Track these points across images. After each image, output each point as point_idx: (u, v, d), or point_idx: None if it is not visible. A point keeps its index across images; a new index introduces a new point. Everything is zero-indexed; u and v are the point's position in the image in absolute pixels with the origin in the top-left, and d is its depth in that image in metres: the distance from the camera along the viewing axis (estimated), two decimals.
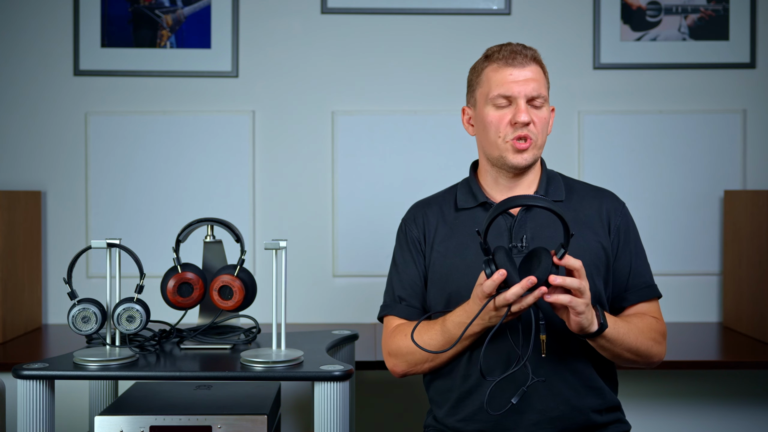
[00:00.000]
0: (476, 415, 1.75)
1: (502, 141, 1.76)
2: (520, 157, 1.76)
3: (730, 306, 2.77)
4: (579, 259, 1.58)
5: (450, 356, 1.75)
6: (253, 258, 2.84)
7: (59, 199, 2.86)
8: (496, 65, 1.78)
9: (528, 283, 1.52)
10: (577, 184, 1.89)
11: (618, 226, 1.81)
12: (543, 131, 1.78)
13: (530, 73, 1.76)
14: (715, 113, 2.87)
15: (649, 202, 2.84)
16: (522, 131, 1.74)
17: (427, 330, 1.73)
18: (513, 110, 1.75)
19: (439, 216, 1.86)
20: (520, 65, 1.76)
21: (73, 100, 2.86)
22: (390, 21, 2.89)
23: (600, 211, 1.82)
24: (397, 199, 2.81)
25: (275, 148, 2.88)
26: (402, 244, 1.89)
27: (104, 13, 2.85)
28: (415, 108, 2.87)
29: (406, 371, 1.81)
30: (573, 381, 1.73)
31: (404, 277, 1.85)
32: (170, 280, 1.90)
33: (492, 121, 1.77)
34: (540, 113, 1.76)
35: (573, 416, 1.72)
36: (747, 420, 2.63)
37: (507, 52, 1.78)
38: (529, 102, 1.76)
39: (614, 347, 1.67)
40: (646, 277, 1.83)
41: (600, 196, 1.85)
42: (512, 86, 1.75)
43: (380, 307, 1.89)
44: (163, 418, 1.75)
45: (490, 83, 1.78)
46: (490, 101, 1.77)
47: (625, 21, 2.87)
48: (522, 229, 1.76)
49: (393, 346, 1.81)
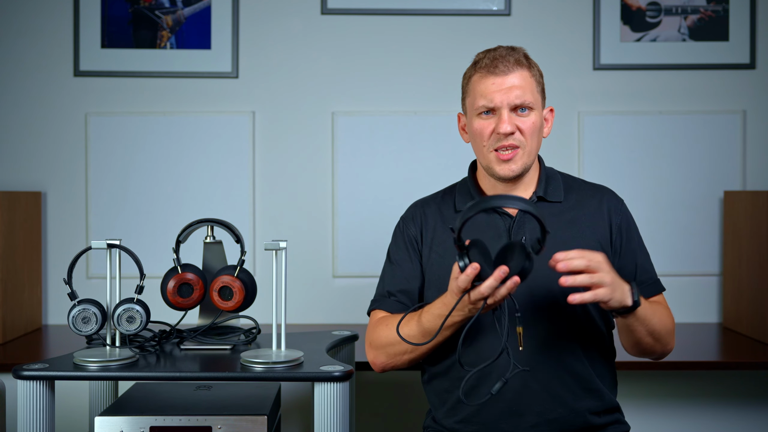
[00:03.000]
0: (474, 417, 1.74)
1: (488, 151, 1.76)
2: (506, 167, 1.75)
3: (730, 306, 2.77)
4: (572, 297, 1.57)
5: (430, 348, 1.73)
6: (253, 258, 2.84)
7: (59, 199, 2.86)
8: (479, 74, 1.76)
9: (500, 273, 1.50)
10: (576, 182, 1.88)
11: (619, 225, 1.81)
12: (532, 137, 1.75)
13: (515, 79, 1.73)
14: (715, 114, 2.87)
15: (649, 203, 2.84)
16: (506, 141, 1.73)
17: (407, 321, 1.72)
18: (496, 120, 1.74)
19: (438, 217, 1.85)
20: (502, 73, 1.73)
21: (74, 101, 2.86)
22: (390, 21, 2.89)
23: (600, 210, 1.81)
24: (397, 200, 2.81)
25: (275, 148, 2.88)
26: (398, 242, 1.88)
27: (104, 14, 2.85)
28: (415, 109, 2.88)
29: (385, 363, 1.79)
30: (571, 383, 1.72)
31: (398, 273, 1.84)
32: (170, 281, 1.90)
33: (477, 130, 1.77)
34: (527, 120, 1.74)
35: (571, 418, 1.72)
36: (747, 420, 2.63)
37: (489, 59, 1.75)
38: (514, 110, 1.74)
39: (641, 327, 1.67)
40: (651, 272, 1.83)
41: (599, 195, 1.85)
42: (494, 96, 1.73)
43: (370, 302, 1.88)
44: (163, 418, 1.75)
45: (474, 93, 1.77)
46: (475, 111, 1.77)
47: (625, 22, 2.87)
48: (521, 230, 1.76)
49: (374, 337, 1.79)
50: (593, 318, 1.76)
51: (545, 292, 1.73)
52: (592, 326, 1.76)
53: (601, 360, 1.78)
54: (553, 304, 1.72)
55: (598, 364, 1.77)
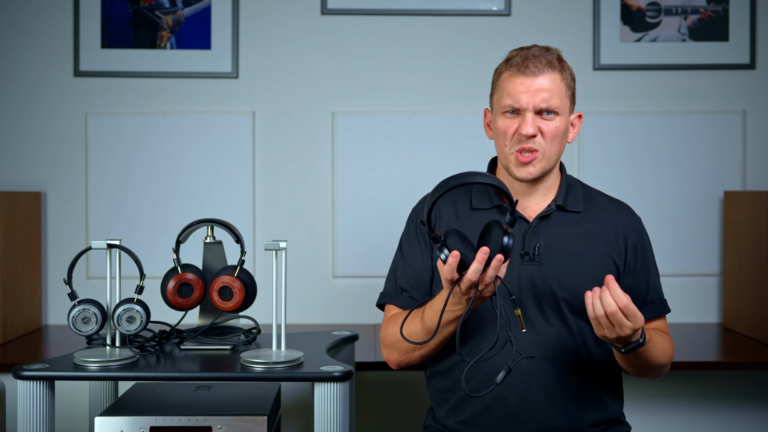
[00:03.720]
0: (476, 419, 1.74)
1: (509, 151, 1.73)
2: (524, 170, 1.72)
3: (730, 307, 2.77)
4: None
5: (437, 344, 1.72)
6: (253, 259, 2.84)
7: (59, 199, 2.86)
8: (509, 72, 1.73)
9: (482, 255, 1.49)
10: (596, 194, 1.86)
11: (635, 244, 1.79)
12: (554, 142, 1.72)
13: (544, 81, 1.70)
14: (715, 114, 2.87)
15: (649, 203, 2.84)
16: (526, 144, 1.71)
17: (413, 319, 1.70)
18: (520, 121, 1.71)
19: (453, 212, 1.81)
20: (532, 74, 1.70)
21: (74, 101, 2.86)
22: (390, 22, 2.89)
23: (616, 227, 1.79)
24: (397, 200, 2.82)
25: (275, 148, 2.88)
26: (411, 234, 1.85)
27: (104, 14, 2.85)
28: (415, 109, 2.87)
29: (399, 360, 1.78)
30: (574, 392, 1.72)
31: (409, 267, 1.82)
32: (170, 281, 1.90)
33: (500, 129, 1.74)
34: (550, 124, 1.71)
35: (573, 427, 1.71)
36: (747, 420, 2.63)
37: (521, 58, 1.72)
38: (540, 113, 1.71)
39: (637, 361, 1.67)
40: (660, 292, 1.83)
41: (618, 212, 1.82)
42: (521, 97, 1.70)
43: (380, 293, 1.87)
44: (163, 418, 1.75)
45: (502, 91, 1.74)
46: (500, 109, 1.74)
47: (625, 22, 2.87)
48: (536, 237, 1.75)
49: (385, 335, 1.80)
50: None
51: (553, 300, 1.72)
52: (599, 337, 1.75)
53: (607, 370, 1.77)
54: (560, 313, 1.72)
55: (603, 375, 1.76)
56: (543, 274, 1.73)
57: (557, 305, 1.72)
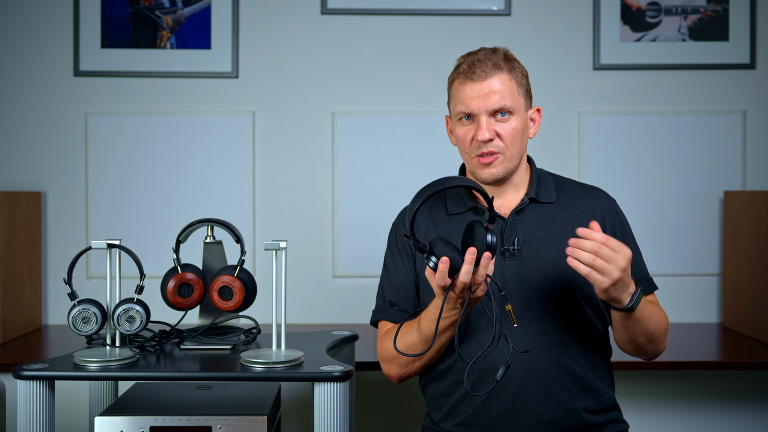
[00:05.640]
0: (472, 419, 1.74)
1: (470, 157, 1.77)
2: (486, 171, 1.75)
3: (730, 306, 2.77)
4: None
5: (435, 352, 1.73)
6: (253, 258, 2.84)
7: (59, 199, 2.86)
8: (459, 80, 1.76)
9: (471, 256, 1.51)
10: (567, 182, 1.88)
11: (613, 225, 1.81)
12: (513, 142, 1.74)
13: (494, 84, 1.72)
14: (715, 114, 2.87)
15: (649, 203, 2.84)
16: (486, 148, 1.73)
17: (409, 330, 1.71)
18: (475, 126, 1.73)
19: (430, 220, 1.84)
20: (480, 78, 1.72)
21: (73, 101, 2.87)
22: (390, 21, 2.89)
23: (593, 211, 1.80)
24: (397, 200, 2.80)
25: (275, 148, 2.88)
26: (392, 249, 1.88)
27: (104, 14, 2.85)
28: (415, 109, 2.88)
29: (400, 374, 1.79)
30: (568, 383, 1.72)
31: (395, 281, 1.84)
32: (170, 281, 1.90)
33: (460, 136, 1.77)
34: (507, 125, 1.73)
35: (569, 418, 1.72)
36: (747, 420, 2.63)
37: (468, 64, 1.75)
38: (494, 114, 1.73)
39: (636, 327, 1.66)
40: (644, 270, 1.83)
41: (591, 195, 1.84)
42: (471, 103, 1.72)
43: (372, 311, 1.88)
44: (163, 418, 1.75)
45: (455, 99, 1.77)
46: (456, 117, 1.77)
47: (625, 22, 2.87)
48: (513, 232, 1.76)
49: (383, 351, 1.81)
50: (588, 316, 1.76)
51: (539, 292, 1.73)
52: (588, 325, 1.76)
53: (598, 358, 1.78)
54: (547, 304, 1.73)
55: (594, 363, 1.77)
56: (525, 267, 1.74)
57: (543, 296, 1.73)
